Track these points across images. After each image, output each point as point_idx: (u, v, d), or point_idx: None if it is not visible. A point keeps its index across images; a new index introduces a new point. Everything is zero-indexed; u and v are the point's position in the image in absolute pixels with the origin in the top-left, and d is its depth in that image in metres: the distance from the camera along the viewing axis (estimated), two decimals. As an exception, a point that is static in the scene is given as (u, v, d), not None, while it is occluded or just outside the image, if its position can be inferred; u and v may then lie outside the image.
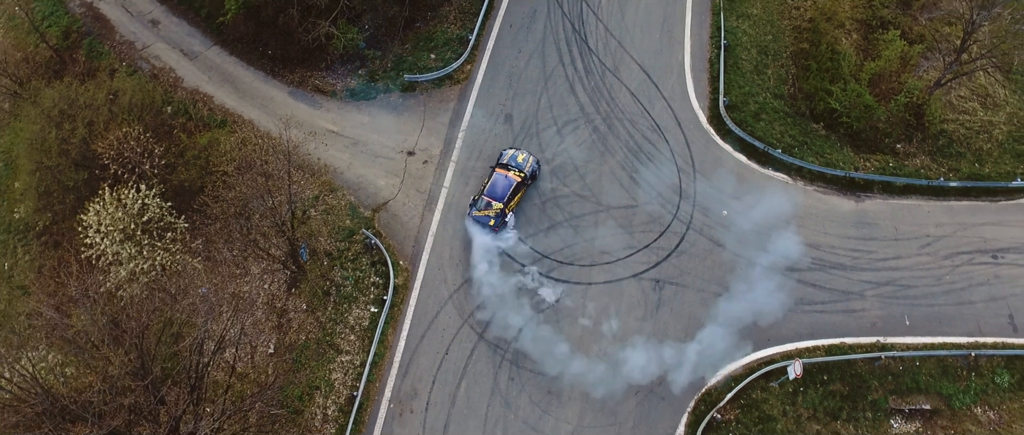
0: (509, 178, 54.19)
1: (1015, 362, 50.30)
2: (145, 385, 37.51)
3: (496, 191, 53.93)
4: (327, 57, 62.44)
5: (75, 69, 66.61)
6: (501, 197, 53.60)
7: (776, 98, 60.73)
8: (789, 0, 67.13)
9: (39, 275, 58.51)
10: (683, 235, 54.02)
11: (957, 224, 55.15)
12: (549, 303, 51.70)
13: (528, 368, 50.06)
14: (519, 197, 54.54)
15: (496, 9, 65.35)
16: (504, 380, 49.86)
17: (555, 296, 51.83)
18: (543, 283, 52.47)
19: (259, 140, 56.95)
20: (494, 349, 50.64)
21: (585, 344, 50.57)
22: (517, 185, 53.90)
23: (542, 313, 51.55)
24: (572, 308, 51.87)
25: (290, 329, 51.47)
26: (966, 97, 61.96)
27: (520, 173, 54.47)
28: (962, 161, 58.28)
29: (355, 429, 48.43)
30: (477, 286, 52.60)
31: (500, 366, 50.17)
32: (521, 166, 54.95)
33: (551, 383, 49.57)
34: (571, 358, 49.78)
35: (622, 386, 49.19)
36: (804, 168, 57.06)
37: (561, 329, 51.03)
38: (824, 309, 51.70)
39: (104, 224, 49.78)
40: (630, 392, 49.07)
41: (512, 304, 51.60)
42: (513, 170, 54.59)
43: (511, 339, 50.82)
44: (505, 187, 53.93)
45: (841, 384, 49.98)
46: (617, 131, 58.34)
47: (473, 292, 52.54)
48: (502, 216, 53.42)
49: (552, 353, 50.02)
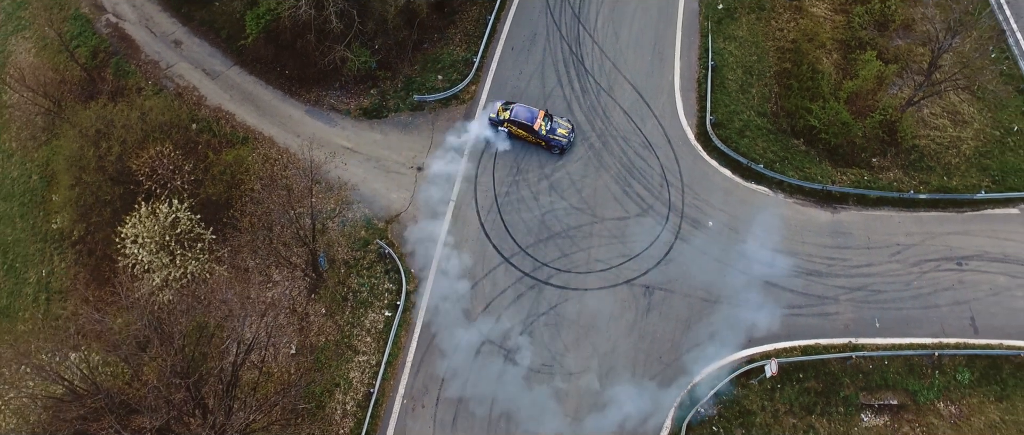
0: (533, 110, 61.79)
1: (975, 361, 53.92)
2: (190, 383, 41.87)
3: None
4: (341, 78, 66.32)
5: (104, 87, 70.50)
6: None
7: (760, 116, 64.53)
8: (773, 22, 70.82)
9: (75, 282, 62.89)
10: (671, 245, 58.09)
11: (925, 233, 58.80)
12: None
13: (529, 367, 54.00)
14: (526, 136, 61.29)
15: (499, 32, 69.23)
16: (508, 377, 53.73)
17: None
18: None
19: (281, 157, 61.25)
20: (498, 349, 54.71)
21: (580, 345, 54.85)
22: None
23: (543, 315, 55.62)
24: (569, 313, 55.85)
25: (311, 331, 55.65)
26: (937, 114, 65.71)
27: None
28: (932, 174, 61.88)
29: (372, 423, 52.30)
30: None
31: (504, 364, 54.09)
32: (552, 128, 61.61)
33: (548, 378, 53.49)
34: (564, 356, 53.98)
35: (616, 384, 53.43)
36: (784, 182, 60.77)
37: (559, 332, 55.10)
38: (801, 312, 55.45)
39: (141, 236, 53.97)
40: (621, 387, 53.09)
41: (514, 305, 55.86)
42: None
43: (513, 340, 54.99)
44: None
45: (816, 381, 53.64)
46: (611, 148, 62.40)
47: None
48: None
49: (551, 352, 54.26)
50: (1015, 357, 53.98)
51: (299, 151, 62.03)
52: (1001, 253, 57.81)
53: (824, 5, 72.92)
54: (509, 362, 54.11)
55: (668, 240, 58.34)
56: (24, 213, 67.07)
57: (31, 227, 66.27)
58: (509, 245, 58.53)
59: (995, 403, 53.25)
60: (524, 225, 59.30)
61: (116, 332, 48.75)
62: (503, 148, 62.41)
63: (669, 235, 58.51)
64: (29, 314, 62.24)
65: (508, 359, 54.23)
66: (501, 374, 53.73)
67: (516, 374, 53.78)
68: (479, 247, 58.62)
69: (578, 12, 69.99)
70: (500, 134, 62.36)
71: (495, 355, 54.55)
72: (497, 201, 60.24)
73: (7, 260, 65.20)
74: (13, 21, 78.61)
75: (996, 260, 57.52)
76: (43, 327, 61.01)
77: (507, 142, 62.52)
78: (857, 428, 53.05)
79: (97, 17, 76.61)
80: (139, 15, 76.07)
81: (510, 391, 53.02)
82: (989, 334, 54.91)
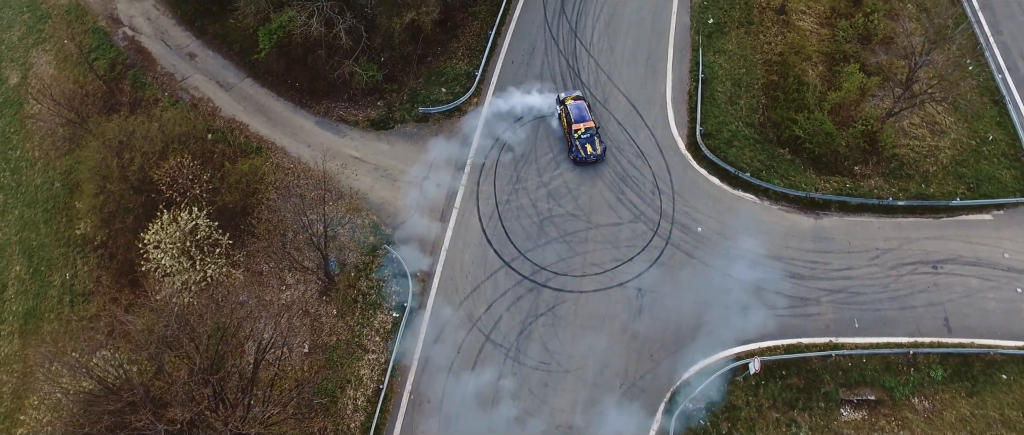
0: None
1: (948, 359, 57.07)
2: (216, 380, 45.35)
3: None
4: (350, 90, 69.81)
5: (123, 99, 73.88)
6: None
7: (747, 126, 67.96)
8: (762, 36, 74.32)
9: (97, 284, 66.24)
10: (662, 249, 61.41)
11: (903, 238, 62.14)
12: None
13: (527, 364, 57.21)
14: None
15: (500, 46, 72.82)
16: (508, 373, 56.89)
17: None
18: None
19: (293, 166, 64.69)
20: (498, 347, 57.96)
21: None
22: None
23: (541, 316, 59.00)
24: (565, 314, 59.16)
25: (323, 331, 59.02)
26: (917, 124, 69.09)
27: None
28: (911, 182, 65.27)
29: (381, 417, 55.50)
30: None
31: (504, 362, 57.21)
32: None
33: (547, 376, 56.76)
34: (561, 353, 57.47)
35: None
36: (770, 189, 64.13)
37: (557, 332, 58.44)
38: (784, 313, 58.67)
39: (163, 242, 57.38)
40: (615, 384, 56.39)
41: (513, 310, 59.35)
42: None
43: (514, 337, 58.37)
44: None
45: (798, 378, 56.78)
46: (606, 157, 65.89)
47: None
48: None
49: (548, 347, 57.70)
50: (985, 355, 57.02)
51: (311, 160, 65.50)
52: (974, 257, 61.05)
53: (810, 19, 76.29)
54: (510, 359, 57.22)
55: (659, 245, 61.57)
56: (47, 219, 70.43)
57: (54, 232, 69.62)
58: (509, 250, 61.79)
59: (966, 398, 56.27)
60: (523, 231, 62.58)
61: (141, 332, 52.13)
62: (504, 159, 65.70)
63: (660, 240, 61.76)
64: (54, 315, 65.52)
65: (509, 357, 57.35)
66: (502, 372, 56.86)
67: (516, 371, 56.94)
68: (481, 251, 61.92)
69: (574, 27, 73.48)
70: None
71: (497, 353, 57.67)
72: (498, 208, 63.56)
73: (32, 263, 68.51)
74: (34, 34, 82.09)
75: (969, 264, 60.77)
76: (68, 328, 64.38)
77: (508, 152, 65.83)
78: (836, 422, 55.96)
79: (114, 30, 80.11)
80: (154, 28, 79.53)
81: (510, 388, 56.21)
82: (962, 333, 58.03)
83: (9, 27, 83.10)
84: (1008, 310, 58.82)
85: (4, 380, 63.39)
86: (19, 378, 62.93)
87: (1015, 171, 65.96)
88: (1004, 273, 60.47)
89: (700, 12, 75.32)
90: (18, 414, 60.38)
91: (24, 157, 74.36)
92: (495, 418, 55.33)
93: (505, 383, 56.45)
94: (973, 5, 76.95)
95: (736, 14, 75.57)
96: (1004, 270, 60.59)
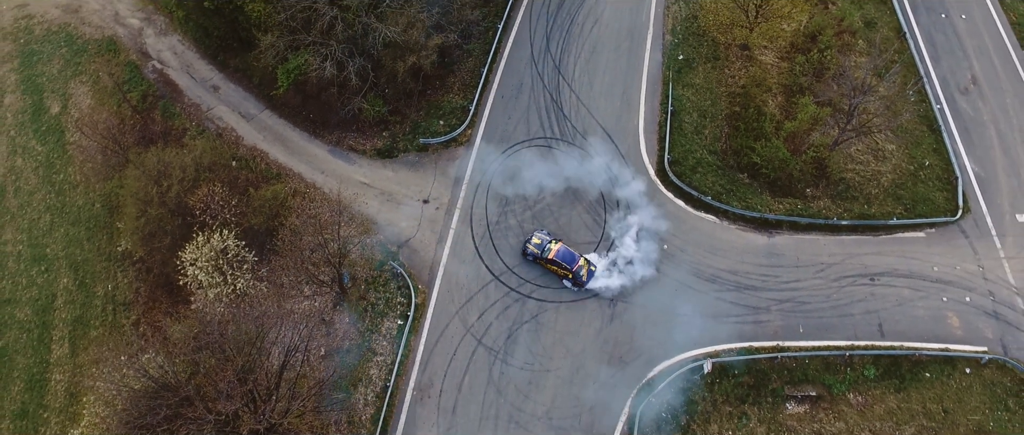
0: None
1: (880, 359, 64.86)
2: (252, 380, 54.27)
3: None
4: (358, 122, 78.08)
5: (155, 128, 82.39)
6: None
7: (711, 154, 75.87)
8: (727, 70, 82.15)
9: (137, 295, 74.87)
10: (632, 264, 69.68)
11: (846, 254, 69.94)
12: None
13: (514, 365, 65.42)
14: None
15: (491, 82, 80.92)
16: (496, 374, 64.98)
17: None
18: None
19: (309, 190, 73.40)
20: (489, 350, 66.25)
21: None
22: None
23: (526, 323, 67.36)
24: (547, 321, 67.52)
25: (337, 337, 67.74)
26: (862, 151, 76.59)
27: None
28: (855, 203, 72.79)
29: (388, 411, 63.87)
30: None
31: (494, 363, 65.43)
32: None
33: (532, 376, 65.05)
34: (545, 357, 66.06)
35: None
36: (729, 211, 71.92)
37: (539, 337, 66.94)
38: (738, 320, 66.75)
39: (199, 260, 66.04)
40: (589, 381, 64.75)
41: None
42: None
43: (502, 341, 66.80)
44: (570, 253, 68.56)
45: (748, 377, 64.67)
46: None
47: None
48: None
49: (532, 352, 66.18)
50: (912, 356, 64.96)
51: (325, 186, 74.15)
52: (907, 270, 69.07)
53: (771, 54, 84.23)
54: (499, 362, 65.52)
55: (630, 260, 70.05)
56: (90, 236, 78.97)
57: (96, 248, 78.15)
58: (499, 265, 70.14)
59: (894, 394, 64.20)
60: (511, 248, 70.96)
61: (180, 338, 60.81)
62: (496, 185, 74.00)
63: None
64: (99, 322, 74.17)
65: (498, 360, 65.70)
66: (491, 372, 65.29)
67: (504, 372, 65.29)
68: (474, 267, 70.26)
69: (558, 63, 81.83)
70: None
71: (487, 356, 66.00)
72: (489, 228, 71.97)
73: (78, 276, 77.11)
74: (72, 67, 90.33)
75: (903, 276, 68.81)
76: (113, 333, 73.05)
77: (500, 179, 74.16)
78: (782, 415, 63.71)
79: (144, 63, 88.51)
80: (180, 62, 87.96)
81: (498, 385, 64.69)
82: (893, 337, 65.91)
83: (49, 60, 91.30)
84: (935, 317, 66.75)
85: (58, 379, 72.15)
86: (71, 377, 71.74)
87: (947, 193, 73.68)
88: (933, 284, 68.42)
89: (672, 49, 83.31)
90: (74, 408, 69.25)
91: (67, 180, 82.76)
92: (486, 409, 63.66)
93: (493, 380, 64.70)
94: (916, 40, 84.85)
95: (704, 50, 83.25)
96: (933, 281, 68.53)
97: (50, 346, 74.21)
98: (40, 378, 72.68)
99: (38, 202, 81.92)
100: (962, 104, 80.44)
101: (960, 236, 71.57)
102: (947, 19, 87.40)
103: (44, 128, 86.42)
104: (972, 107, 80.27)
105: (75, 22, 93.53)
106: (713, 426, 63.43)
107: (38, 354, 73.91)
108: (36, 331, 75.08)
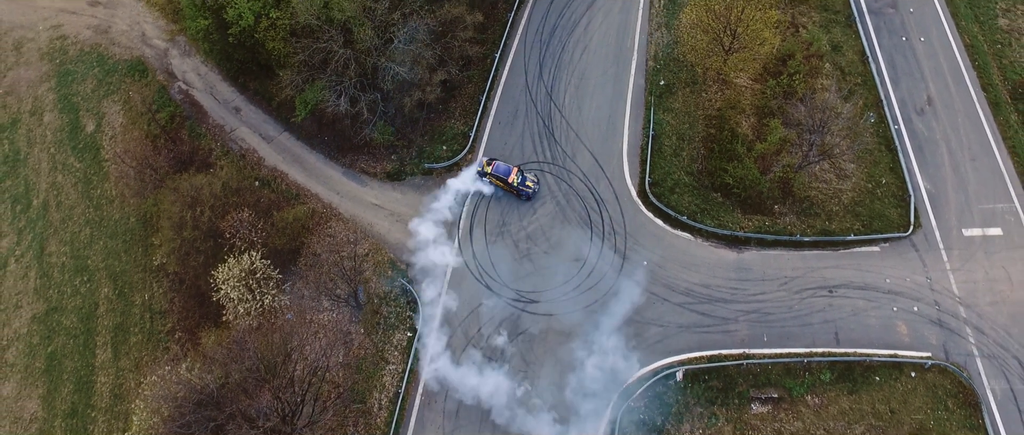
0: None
1: (835, 364, 71.31)
2: (287, 394, 62.96)
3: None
4: (369, 146, 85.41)
5: (183, 147, 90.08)
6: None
7: (688, 175, 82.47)
8: (704, 94, 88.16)
9: (172, 305, 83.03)
10: (615, 280, 77.21)
11: (807, 268, 76.37)
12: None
13: (509, 369, 73.55)
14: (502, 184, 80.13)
15: (489, 109, 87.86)
16: (495, 378, 72.38)
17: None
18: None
19: (326, 211, 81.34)
20: (488, 358, 74.02)
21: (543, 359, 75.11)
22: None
23: (520, 334, 75.26)
24: (537, 332, 75.11)
25: (353, 347, 75.94)
26: (826, 170, 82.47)
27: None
28: (818, 220, 78.93)
29: (400, 415, 71.75)
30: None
31: (492, 368, 73.14)
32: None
33: (525, 379, 72.73)
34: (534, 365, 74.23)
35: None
36: (703, 229, 78.81)
37: (532, 347, 74.81)
38: (708, 330, 73.78)
39: (230, 279, 74.13)
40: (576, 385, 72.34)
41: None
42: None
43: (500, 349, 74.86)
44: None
45: (717, 381, 71.68)
46: (573, 204, 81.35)
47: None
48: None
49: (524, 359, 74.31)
50: (864, 361, 71.58)
51: (340, 206, 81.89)
52: (863, 282, 75.52)
53: (746, 76, 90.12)
54: (498, 371, 73.42)
55: (613, 277, 77.54)
56: (127, 249, 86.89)
57: (133, 260, 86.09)
58: (497, 281, 77.84)
59: (847, 396, 70.77)
60: (507, 266, 78.48)
61: (214, 348, 69.14)
62: (493, 208, 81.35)
63: (614, 273, 77.68)
64: (139, 329, 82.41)
65: (497, 368, 73.52)
66: (491, 376, 73.22)
67: (500, 379, 73.02)
68: (474, 282, 77.85)
69: (550, 91, 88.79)
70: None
71: (486, 365, 73.83)
72: (488, 247, 79.63)
73: (117, 286, 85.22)
74: (104, 87, 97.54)
75: (858, 288, 75.22)
76: (149, 339, 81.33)
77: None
78: (747, 414, 70.55)
79: (170, 84, 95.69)
80: (204, 83, 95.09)
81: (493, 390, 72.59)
82: (847, 344, 72.33)
83: (83, 80, 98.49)
84: (885, 325, 73.24)
85: (103, 381, 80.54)
86: (114, 380, 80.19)
87: (901, 210, 79.75)
88: (885, 295, 74.90)
89: (653, 75, 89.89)
90: (119, 408, 77.63)
91: (104, 195, 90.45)
92: (486, 412, 71.66)
93: (493, 385, 72.61)
94: (879, 62, 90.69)
95: (684, 75, 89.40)
96: (885, 293, 75.00)
97: (95, 351, 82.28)
98: (87, 380, 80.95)
99: (78, 216, 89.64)
100: (918, 124, 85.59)
101: (911, 250, 77.34)
102: (907, 42, 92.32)
103: (81, 145, 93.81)
104: (927, 126, 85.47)
105: (106, 43, 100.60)
106: (685, 425, 71.01)
107: (84, 358, 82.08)
108: (82, 337, 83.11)
